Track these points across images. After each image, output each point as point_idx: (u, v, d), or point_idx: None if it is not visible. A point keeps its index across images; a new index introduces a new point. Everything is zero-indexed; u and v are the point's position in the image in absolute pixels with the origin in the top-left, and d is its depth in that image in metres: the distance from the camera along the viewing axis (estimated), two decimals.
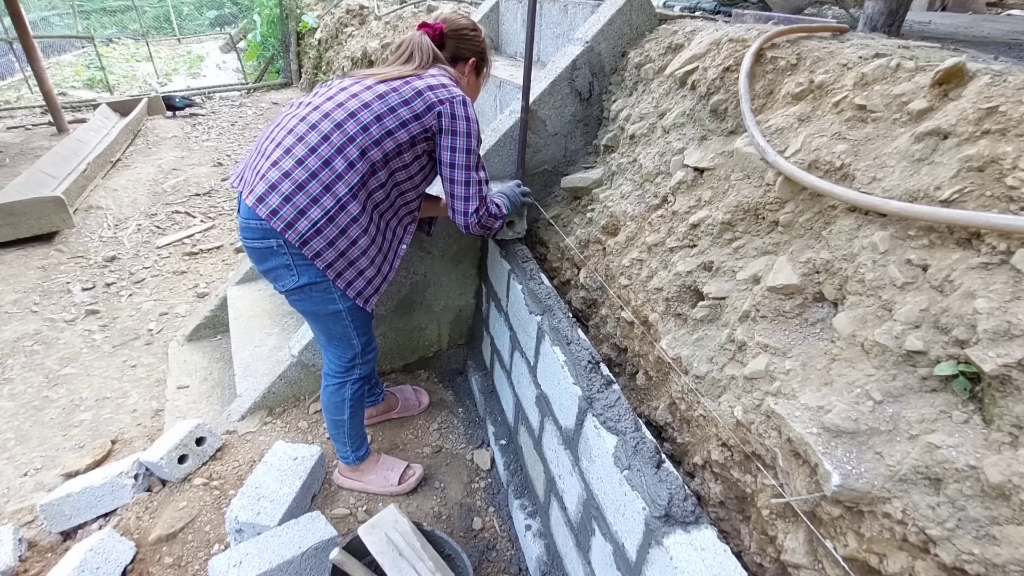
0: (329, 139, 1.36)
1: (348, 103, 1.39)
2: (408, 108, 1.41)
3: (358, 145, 1.37)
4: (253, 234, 1.41)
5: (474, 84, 1.71)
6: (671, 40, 1.94)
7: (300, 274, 1.44)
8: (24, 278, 3.54)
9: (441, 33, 1.58)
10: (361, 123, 1.37)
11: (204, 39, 15.79)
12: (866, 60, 1.28)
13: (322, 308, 1.53)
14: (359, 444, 1.82)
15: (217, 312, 2.85)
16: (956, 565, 0.75)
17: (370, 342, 1.69)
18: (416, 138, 1.44)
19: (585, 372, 1.36)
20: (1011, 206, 0.89)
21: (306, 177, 1.35)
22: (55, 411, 2.49)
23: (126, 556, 1.59)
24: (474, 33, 1.65)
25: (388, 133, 1.39)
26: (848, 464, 0.87)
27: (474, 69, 1.67)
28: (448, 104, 1.43)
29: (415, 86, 1.43)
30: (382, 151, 1.40)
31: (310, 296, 1.50)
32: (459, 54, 1.63)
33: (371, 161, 1.39)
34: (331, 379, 1.70)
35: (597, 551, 1.28)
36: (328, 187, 1.36)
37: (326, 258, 1.40)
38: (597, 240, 1.88)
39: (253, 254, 1.46)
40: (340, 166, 1.36)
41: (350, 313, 1.56)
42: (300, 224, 1.35)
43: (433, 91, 1.43)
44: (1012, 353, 0.79)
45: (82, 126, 6.05)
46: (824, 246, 1.16)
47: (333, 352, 1.66)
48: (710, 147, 1.58)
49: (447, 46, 1.60)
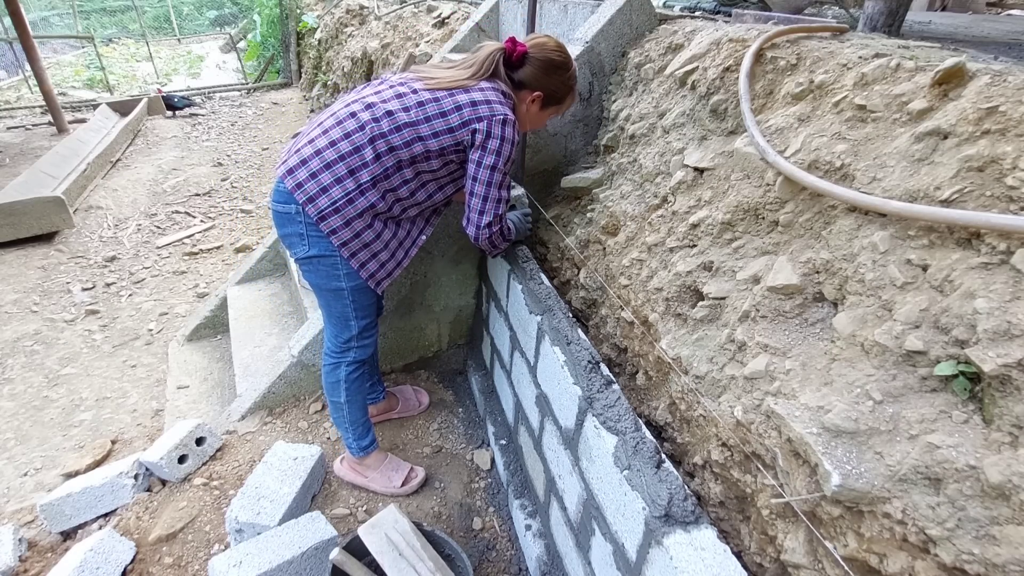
0: (364, 129, 1.42)
1: (390, 102, 1.44)
2: (444, 120, 1.44)
3: (388, 141, 1.42)
4: (279, 197, 1.50)
5: (534, 116, 1.64)
6: (671, 40, 1.94)
7: (311, 245, 1.51)
8: (24, 278, 3.54)
9: (521, 55, 1.53)
10: (396, 123, 1.42)
11: (204, 39, 15.79)
12: (866, 60, 1.28)
13: (326, 283, 1.59)
14: (362, 433, 1.83)
15: (217, 312, 2.85)
16: (956, 565, 0.75)
17: (369, 326, 1.72)
18: (446, 149, 1.46)
19: (585, 372, 1.36)
20: (1011, 206, 0.89)
21: (335, 158, 1.42)
22: (55, 411, 2.50)
23: (126, 556, 1.59)
24: (563, 74, 1.58)
25: (419, 138, 1.43)
26: (848, 464, 0.87)
27: (539, 102, 1.59)
28: (486, 122, 1.43)
29: (457, 100, 1.44)
30: (410, 152, 1.44)
31: (317, 269, 1.56)
32: (529, 83, 1.55)
33: (398, 158, 1.44)
34: (328, 358, 1.75)
35: (597, 551, 1.28)
36: (353, 171, 1.42)
37: (341, 236, 1.47)
38: (597, 240, 1.88)
39: (276, 217, 1.55)
40: (368, 155, 1.42)
41: (352, 293, 1.61)
42: (321, 200, 1.43)
43: (475, 107, 1.44)
44: (1012, 353, 0.79)
45: (82, 126, 6.05)
46: (824, 246, 1.16)
47: (331, 330, 1.72)
48: (710, 147, 1.58)
49: (523, 69, 1.54)
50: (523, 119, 1.63)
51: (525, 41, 1.56)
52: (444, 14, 4.20)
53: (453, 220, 2.01)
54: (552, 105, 1.64)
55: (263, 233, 4.20)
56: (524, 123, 1.66)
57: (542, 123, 1.72)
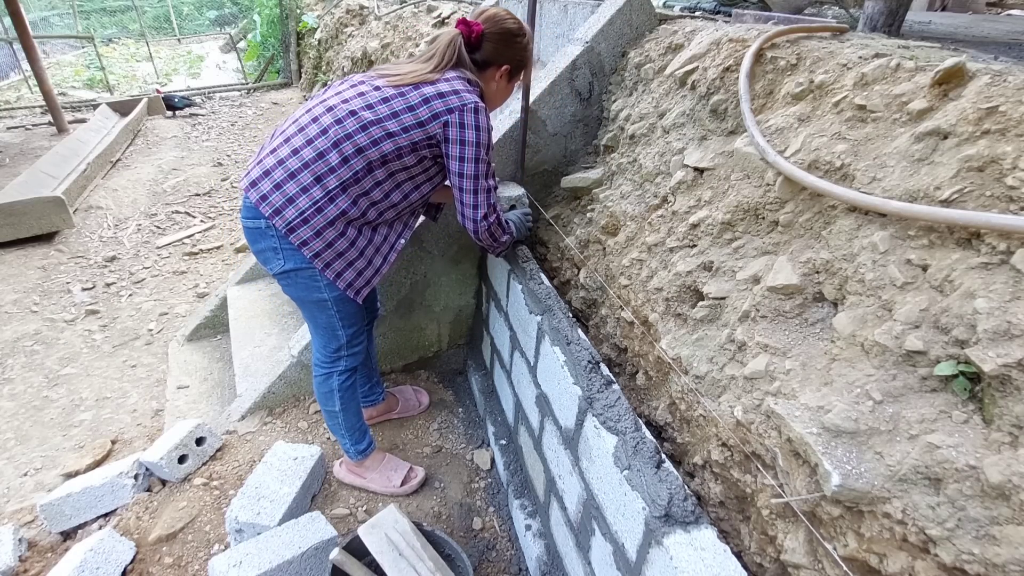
0: (327, 133, 1.38)
1: (353, 101, 1.40)
2: (412, 114, 1.40)
3: (355, 142, 1.38)
4: (248, 213, 1.46)
5: (503, 90, 1.63)
6: (671, 40, 1.94)
7: (286, 259, 1.47)
8: (24, 278, 3.54)
9: (479, 34, 1.51)
10: (361, 122, 1.38)
11: (204, 39, 15.79)
12: (866, 60, 1.28)
13: (307, 295, 1.56)
14: (358, 438, 1.82)
15: (217, 312, 2.85)
16: (956, 565, 0.75)
17: (357, 334, 1.69)
18: (418, 144, 1.42)
19: (585, 372, 1.36)
20: (1011, 206, 0.89)
21: (299, 167, 1.38)
22: (55, 411, 2.50)
23: (126, 556, 1.59)
24: (520, 39, 1.56)
25: (388, 135, 1.39)
26: (848, 464, 0.87)
27: (506, 75, 1.58)
28: (457, 113, 1.40)
29: (423, 92, 1.41)
30: (380, 152, 1.40)
31: (296, 282, 1.53)
32: (494, 59, 1.54)
33: (368, 159, 1.39)
34: (318, 368, 1.72)
35: (597, 551, 1.28)
36: (319, 178, 1.38)
37: (313, 247, 1.42)
38: (597, 240, 1.88)
39: (247, 234, 1.51)
40: (334, 160, 1.37)
41: (336, 303, 1.57)
42: (287, 212, 1.38)
43: (443, 98, 1.40)
44: (1012, 353, 0.79)
45: (82, 126, 6.05)
46: (824, 246, 1.16)
47: (319, 341, 1.69)
48: (710, 147, 1.58)
49: (483, 48, 1.53)
50: (492, 97, 1.60)
51: (477, 18, 1.52)
52: (444, 14, 4.20)
53: (453, 220, 2.01)
54: (516, 75, 1.61)
55: None
56: (494, 100, 1.62)
57: (510, 94, 1.70)
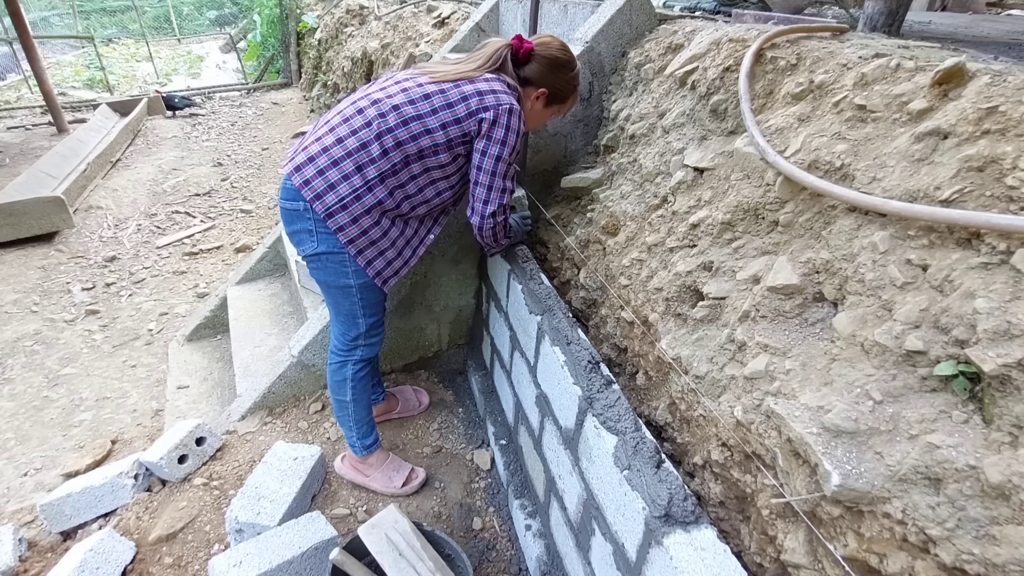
0: (371, 125, 1.42)
1: (396, 96, 1.44)
2: (450, 111, 1.44)
3: (395, 136, 1.42)
4: (286, 195, 1.51)
5: (538, 113, 1.66)
6: (671, 40, 1.94)
7: (319, 242, 1.51)
8: (24, 278, 3.54)
9: (527, 52, 1.55)
10: (403, 117, 1.42)
11: (204, 39, 15.79)
12: (866, 60, 1.28)
13: (335, 280, 1.59)
14: (365, 432, 1.83)
15: (217, 312, 2.86)
16: (956, 565, 0.75)
17: (376, 324, 1.72)
18: (454, 141, 1.46)
19: (585, 372, 1.36)
20: (1011, 206, 0.89)
21: (342, 155, 1.42)
22: (55, 411, 2.50)
23: (126, 556, 1.59)
24: (566, 71, 1.60)
25: (426, 131, 1.43)
26: (848, 464, 0.87)
27: (543, 99, 1.61)
28: (493, 111, 1.44)
29: (463, 90, 1.45)
30: (418, 147, 1.44)
31: (325, 266, 1.56)
32: (535, 79, 1.58)
33: (406, 153, 1.44)
34: (335, 356, 1.75)
35: (597, 551, 1.28)
36: (360, 168, 1.42)
37: (348, 233, 1.47)
38: (597, 240, 1.88)
39: (284, 215, 1.55)
40: (375, 151, 1.42)
41: (360, 291, 1.60)
42: (328, 197, 1.43)
43: (481, 96, 1.44)
44: (1012, 353, 0.79)
45: (82, 126, 6.06)
46: (824, 246, 1.16)
47: (339, 328, 1.71)
48: (710, 147, 1.58)
49: (529, 66, 1.56)
50: (527, 116, 1.62)
51: (533, 40, 1.57)
52: (444, 14, 4.20)
53: (452, 219, 2.01)
54: (555, 104, 1.65)
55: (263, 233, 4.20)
56: (528, 120, 1.65)
57: (543, 122, 1.74)
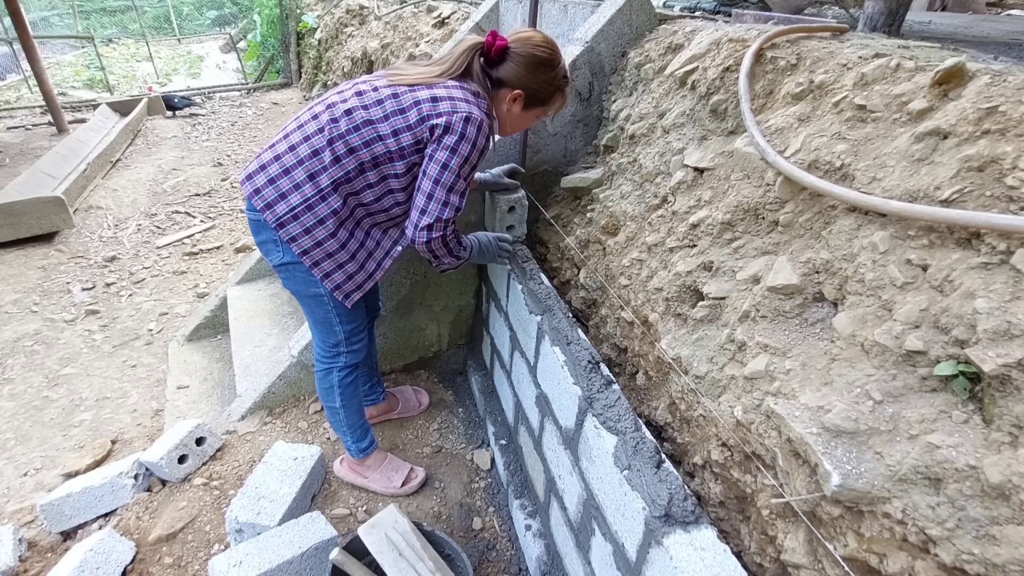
0: (323, 131, 1.37)
1: (350, 100, 1.39)
2: (402, 117, 1.35)
3: (346, 142, 1.36)
4: (249, 206, 1.47)
5: (517, 117, 1.51)
6: (671, 40, 1.94)
7: (284, 252, 1.48)
8: (24, 278, 3.54)
9: (500, 49, 1.40)
10: (354, 122, 1.36)
11: (204, 39, 15.79)
12: (866, 60, 1.28)
13: (305, 289, 1.56)
14: (359, 436, 1.82)
15: (217, 312, 2.85)
16: (956, 565, 0.75)
17: (356, 331, 1.67)
18: (406, 149, 1.37)
19: (585, 372, 1.36)
20: (1011, 206, 0.89)
21: (293, 163, 1.38)
22: (55, 411, 2.50)
23: (126, 556, 1.59)
24: (546, 70, 1.43)
25: (379, 138, 1.36)
26: (848, 464, 0.87)
27: (519, 101, 1.46)
28: (446, 117, 1.33)
29: (417, 96, 1.36)
30: (371, 153, 1.37)
31: (294, 275, 1.53)
32: (510, 80, 1.43)
33: (360, 160, 1.37)
34: (319, 363, 1.73)
35: (597, 551, 1.28)
36: (312, 176, 1.38)
37: (302, 244, 1.42)
38: (597, 240, 1.88)
39: (251, 225, 1.52)
40: (327, 158, 1.37)
41: (332, 299, 1.57)
42: (279, 207, 1.39)
43: (435, 103, 1.34)
44: (1012, 353, 0.79)
45: (82, 126, 6.05)
46: (824, 246, 1.16)
47: (318, 336, 1.69)
48: (710, 147, 1.58)
49: (504, 65, 1.42)
50: (504, 120, 1.52)
51: (509, 35, 1.43)
52: (444, 14, 4.20)
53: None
54: (536, 106, 1.49)
55: None
56: (505, 125, 1.55)
57: (525, 126, 1.61)
